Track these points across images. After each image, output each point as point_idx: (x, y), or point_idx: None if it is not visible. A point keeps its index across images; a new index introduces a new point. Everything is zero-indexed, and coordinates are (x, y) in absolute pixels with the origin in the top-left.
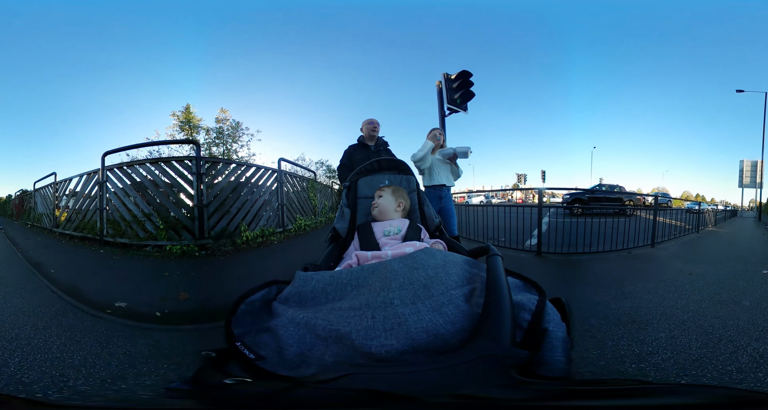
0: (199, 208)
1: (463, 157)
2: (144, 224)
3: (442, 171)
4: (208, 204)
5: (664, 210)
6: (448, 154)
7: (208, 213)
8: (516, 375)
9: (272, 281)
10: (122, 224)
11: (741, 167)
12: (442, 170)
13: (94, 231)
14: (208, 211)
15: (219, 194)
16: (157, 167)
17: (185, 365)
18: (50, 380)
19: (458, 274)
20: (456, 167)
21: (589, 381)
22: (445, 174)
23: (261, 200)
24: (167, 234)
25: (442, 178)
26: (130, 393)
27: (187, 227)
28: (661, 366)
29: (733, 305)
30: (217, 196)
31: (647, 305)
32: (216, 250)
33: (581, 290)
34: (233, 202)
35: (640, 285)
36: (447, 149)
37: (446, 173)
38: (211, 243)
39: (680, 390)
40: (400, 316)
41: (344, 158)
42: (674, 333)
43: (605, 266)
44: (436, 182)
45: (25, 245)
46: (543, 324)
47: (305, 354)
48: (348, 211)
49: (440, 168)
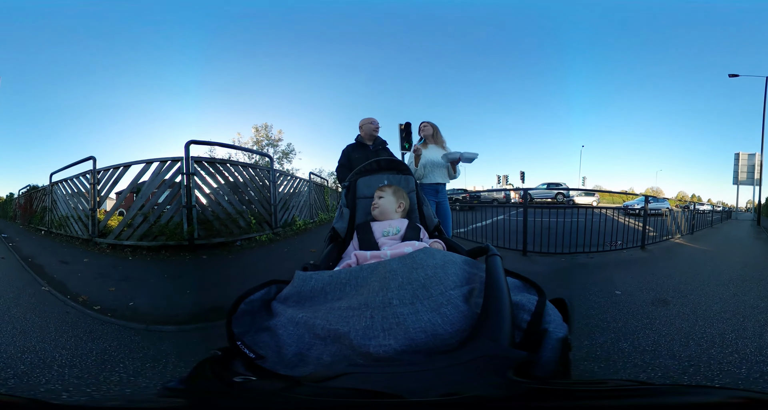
0: (274, 206)
1: (467, 162)
2: (238, 221)
3: (437, 170)
4: (277, 203)
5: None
6: (453, 158)
7: (278, 210)
8: (514, 375)
9: (272, 281)
10: (216, 222)
11: (736, 161)
12: (437, 169)
13: (181, 236)
14: (277, 208)
15: (283, 196)
16: (236, 168)
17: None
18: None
19: (457, 274)
20: (453, 171)
21: (589, 382)
22: (440, 173)
23: (301, 201)
24: (257, 227)
25: (437, 176)
26: (132, 392)
27: (267, 221)
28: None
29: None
30: (282, 198)
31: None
32: (283, 235)
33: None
34: (289, 202)
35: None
36: (453, 153)
37: (441, 173)
38: (281, 231)
39: (680, 390)
40: (399, 316)
41: (342, 158)
42: None
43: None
44: (432, 181)
45: (61, 272)
46: (543, 325)
47: (304, 353)
48: (347, 211)
49: (435, 168)
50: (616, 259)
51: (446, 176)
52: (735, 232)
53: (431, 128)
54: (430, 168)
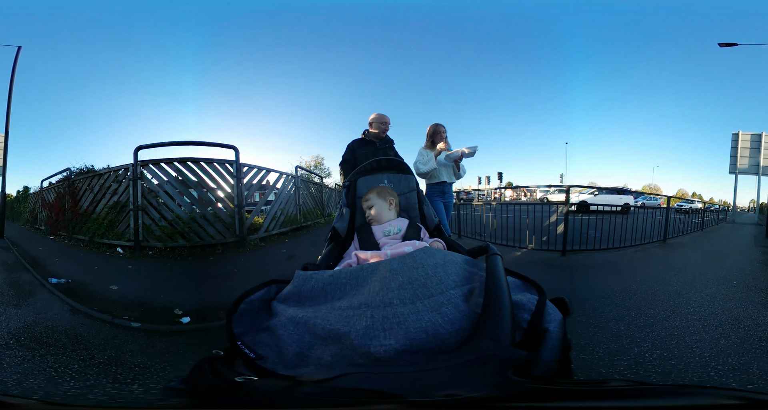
0: (321, 203)
1: (469, 157)
2: (316, 211)
3: (443, 170)
4: (324, 202)
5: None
6: (455, 156)
7: (324, 207)
8: (514, 375)
9: (272, 281)
10: (304, 213)
11: (734, 142)
12: (442, 168)
13: (297, 221)
14: (323, 206)
15: (325, 200)
16: (304, 182)
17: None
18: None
19: (457, 273)
20: (458, 170)
21: (589, 382)
22: (446, 173)
23: (330, 201)
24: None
25: (443, 176)
26: (133, 392)
27: (322, 212)
28: None
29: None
30: (323, 200)
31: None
32: (323, 223)
33: None
34: (327, 202)
35: None
36: (455, 152)
37: (448, 172)
38: (323, 220)
39: (680, 391)
40: (399, 316)
41: (347, 154)
42: None
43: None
44: (438, 180)
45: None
46: (543, 324)
47: (304, 353)
48: (347, 211)
49: (441, 168)
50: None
51: (452, 176)
52: (724, 246)
53: (431, 129)
54: (437, 168)
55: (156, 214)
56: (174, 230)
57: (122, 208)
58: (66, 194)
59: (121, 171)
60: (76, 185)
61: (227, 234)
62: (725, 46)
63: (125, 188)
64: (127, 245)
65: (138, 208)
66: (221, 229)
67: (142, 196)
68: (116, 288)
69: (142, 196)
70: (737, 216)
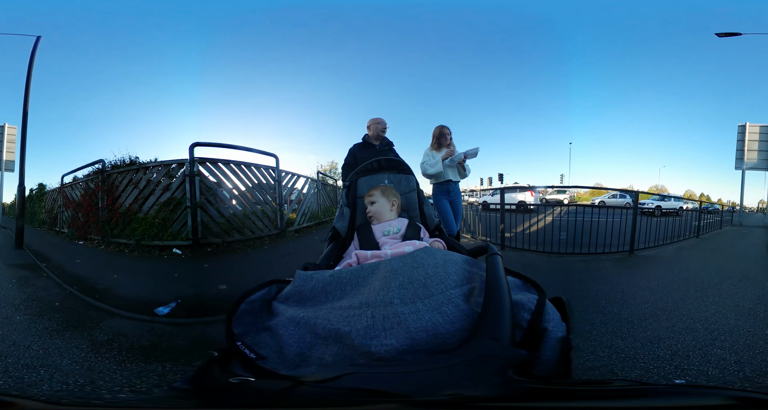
0: (336, 202)
1: (472, 158)
2: (332, 209)
3: (448, 170)
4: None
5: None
6: (458, 159)
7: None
8: (514, 375)
9: (272, 281)
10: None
11: (741, 135)
12: (448, 169)
13: (318, 217)
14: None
15: (339, 199)
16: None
17: None
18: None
19: (458, 273)
20: (463, 170)
21: (589, 382)
22: (452, 172)
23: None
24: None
25: (449, 175)
26: (135, 392)
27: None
28: None
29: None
30: (337, 200)
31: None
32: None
33: None
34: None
35: None
36: (457, 155)
37: (453, 171)
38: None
39: (680, 391)
40: (400, 315)
41: (349, 157)
42: None
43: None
44: (443, 179)
45: None
46: (543, 324)
47: (305, 353)
48: (348, 210)
49: (446, 168)
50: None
51: (457, 175)
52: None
53: (437, 131)
54: (442, 169)
55: (214, 211)
56: (231, 226)
57: (176, 205)
58: (99, 191)
59: (173, 166)
60: (113, 179)
61: (271, 227)
62: (725, 36)
63: (179, 184)
64: (184, 244)
65: (196, 205)
66: (267, 223)
67: (200, 193)
68: (224, 287)
69: (200, 193)
70: (744, 218)
